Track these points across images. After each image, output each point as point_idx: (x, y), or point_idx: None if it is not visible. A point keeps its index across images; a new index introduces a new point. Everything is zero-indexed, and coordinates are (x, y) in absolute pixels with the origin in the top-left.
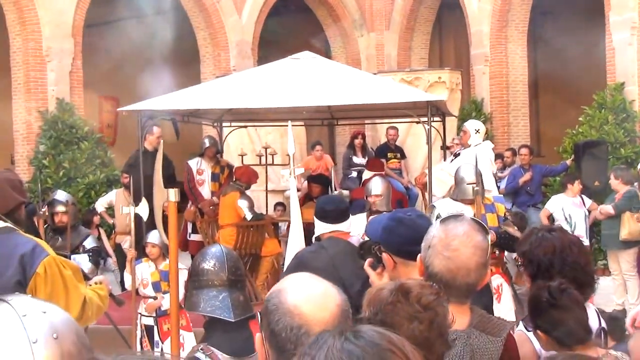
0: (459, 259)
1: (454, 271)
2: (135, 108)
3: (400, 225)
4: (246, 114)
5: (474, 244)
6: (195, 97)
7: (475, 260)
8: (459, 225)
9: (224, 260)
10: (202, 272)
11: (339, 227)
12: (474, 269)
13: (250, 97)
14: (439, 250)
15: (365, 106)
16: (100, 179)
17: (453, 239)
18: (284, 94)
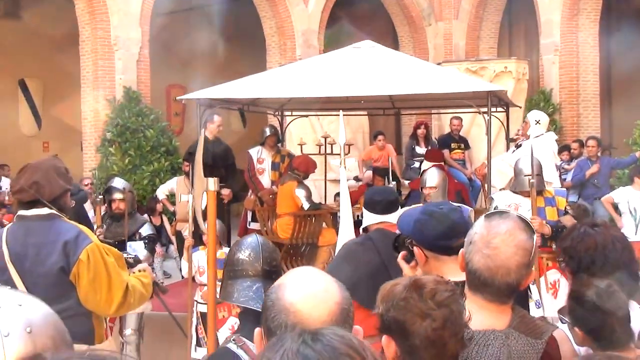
0: (498, 258)
1: (493, 270)
2: (194, 97)
3: (432, 219)
4: (307, 103)
5: (517, 243)
6: (255, 85)
7: (517, 260)
8: (502, 223)
9: (259, 250)
10: (237, 262)
11: (387, 218)
12: (514, 269)
13: (309, 86)
14: (480, 247)
15: (426, 96)
16: (164, 166)
17: (494, 237)
18: (344, 82)
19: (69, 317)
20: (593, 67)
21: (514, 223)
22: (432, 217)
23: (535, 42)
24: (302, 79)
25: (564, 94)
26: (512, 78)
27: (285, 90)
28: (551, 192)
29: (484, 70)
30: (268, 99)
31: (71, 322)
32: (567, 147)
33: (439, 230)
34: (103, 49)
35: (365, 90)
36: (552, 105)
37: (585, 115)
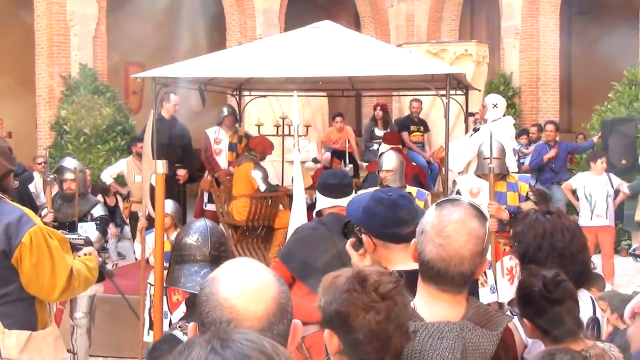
0: (451, 247)
1: (446, 260)
2: (150, 75)
3: (380, 206)
4: (266, 83)
5: (469, 231)
6: (213, 64)
7: (469, 248)
8: (454, 211)
9: (207, 235)
10: (184, 246)
11: (340, 202)
12: (468, 258)
13: (268, 66)
14: (432, 236)
15: (385, 78)
16: (121, 145)
17: (446, 225)
18: (303, 63)
19: (10, 302)
20: (553, 51)
21: (465, 210)
22: (380, 204)
23: (497, 26)
24: (260, 59)
25: (524, 77)
26: (473, 61)
27: (243, 69)
28: (514, 177)
29: (444, 53)
30: (226, 78)
31: (13, 307)
32: (525, 131)
33: (388, 218)
34: (58, 25)
35: (324, 71)
36: (512, 89)
37: (544, 99)
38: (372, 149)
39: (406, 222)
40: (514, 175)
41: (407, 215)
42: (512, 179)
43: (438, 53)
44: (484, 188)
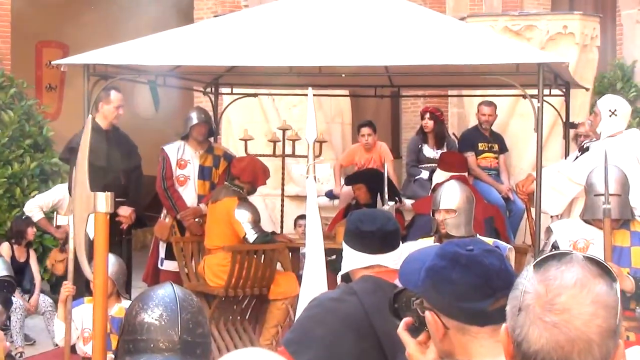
0: (572, 326)
1: (565, 347)
2: (80, 61)
3: (455, 266)
4: (256, 76)
5: (594, 298)
6: (176, 47)
7: (599, 325)
8: (566, 271)
9: (176, 309)
10: (140, 327)
11: (382, 259)
12: (597, 341)
13: (260, 50)
14: (538, 314)
15: (440, 69)
16: (31, 169)
17: (559, 294)
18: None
19: None
20: None
21: (583, 269)
22: (455, 264)
23: None
24: (248, 39)
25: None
26: (575, 44)
27: (222, 55)
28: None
29: (531, 31)
30: (195, 68)
31: None
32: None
33: (467, 286)
34: None
35: (347, 59)
36: (635, 86)
37: None
38: (419, 178)
39: (495, 292)
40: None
41: (497, 280)
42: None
43: (521, 32)
44: (595, 240)
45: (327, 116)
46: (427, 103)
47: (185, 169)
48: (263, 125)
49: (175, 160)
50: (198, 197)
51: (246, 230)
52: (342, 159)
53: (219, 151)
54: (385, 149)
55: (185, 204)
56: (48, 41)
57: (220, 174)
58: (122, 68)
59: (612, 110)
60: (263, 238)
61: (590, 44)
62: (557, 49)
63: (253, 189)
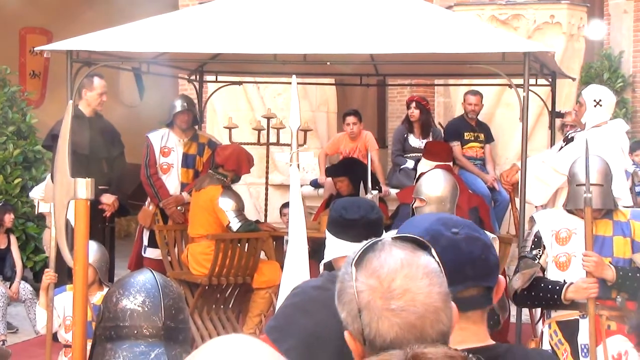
0: (417, 302)
1: (417, 325)
2: (64, 48)
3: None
4: (241, 63)
5: (424, 269)
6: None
7: (438, 292)
8: (387, 256)
9: (158, 295)
10: (121, 314)
11: None
12: (441, 306)
13: (245, 38)
14: (381, 305)
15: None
16: (14, 156)
17: (393, 280)
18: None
19: None
20: None
21: (400, 248)
22: (435, 244)
23: None
24: (233, 26)
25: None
26: (562, 33)
27: (207, 42)
28: (626, 214)
29: (518, 20)
30: (180, 55)
31: None
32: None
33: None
34: None
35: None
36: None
37: None
38: (405, 168)
39: (466, 280)
40: (625, 211)
41: (470, 269)
42: (623, 217)
43: (508, 20)
44: (577, 230)
45: (313, 105)
46: (413, 92)
47: (169, 156)
48: (248, 114)
49: (159, 148)
50: (181, 185)
51: (230, 219)
52: (327, 147)
53: (204, 139)
54: (371, 138)
55: (167, 192)
56: (32, 27)
57: (204, 162)
58: (106, 55)
59: (597, 101)
60: (247, 226)
61: (577, 34)
62: (544, 38)
63: (237, 177)
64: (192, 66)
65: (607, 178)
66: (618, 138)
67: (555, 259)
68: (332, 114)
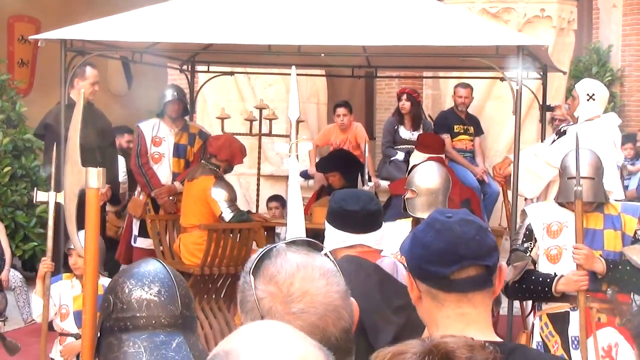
0: (317, 303)
1: (320, 325)
2: (56, 37)
3: (430, 231)
4: (233, 54)
5: (320, 270)
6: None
7: (336, 290)
8: (283, 261)
9: (173, 285)
10: (138, 304)
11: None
12: (341, 304)
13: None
14: (282, 310)
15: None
16: (4, 144)
17: (291, 284)
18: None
19: None
20: None
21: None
22: (430, 228)
23: None
24: (226, 17)
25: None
26: (552, 27)
27: (200, 32)
28: (616, 207)
29: (509, 14)
30: (172, 45)
31: None
32: (631, 137)
33: (435, 249)
34: None
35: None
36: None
37: None
38: (395, 159)
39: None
40: (615, 204)
41: (464, 248)
42: (614, 211)
43: (499, 14)
44: (568, 223)
45: (303, 96)
46: (402, 84)
47: (160, 146)
48: (238, 104)
49: (150, 137)
50: (173, 174)
51: (222, 209)
52: (317, 139)
53: (194, 129)
54: (361, 130)
55: (159, 181)
56: (20, 16)
57: (195, 152)
58: (99, 44)
59: (590, 95)
60: (239, 217)
61: (567, 28)
62: (534, 32)
63: (230, 168)
64: (184, 56)
65: (599, 171)
66: (610, 132)
67: (546, 251)
68: (323, 106)
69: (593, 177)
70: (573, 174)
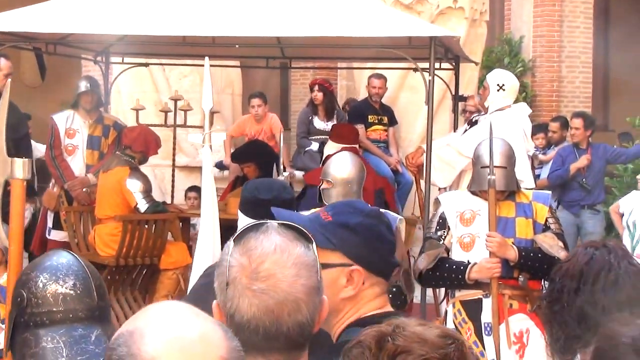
0: (279, 289)
1: (275, 311)
2: None
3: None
4: (147, 45)
5: (295, 259)
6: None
7: (303, 284)
8: (265, 239)
9: (87, 277)
10: (54, 299)
11: None
12: (304, 298)
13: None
14: (245, 284)
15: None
16: None
17: (262, 262)
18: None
19: None
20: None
21: (280, 235)
22: (381, 222)
23: None
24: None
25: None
26: (465, 18)
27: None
28: (528, 195)
29: (422, 5)
30: (86, 37)
31: None
32: (542, 127)
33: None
34: None
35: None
36: (522, 62)
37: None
38: (310, 150)
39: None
40: (527, 192)
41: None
42: (525, 199)
43: (412, 5)
44: (481, 212)
45: (218, 87)
46: (316, 75)
47: (74, 138)
48: (153, 95)
49: (64, 129)
50: (86, 166)
51: (137, 200)
52: (232, 130)
53: (109, 121)
54: (276, 120)
55: (72, 173)
56: None
57: (109, 143)
58: (12, 35)
59: (500, 85)
60: (154, 208)
61: (479, 19)
62: (447, 23)
63: (144, 159)
64: (98, 47)
65: (511, 160)
66: (521, 121)
67: (459, 239)
68: (237, 97)
69: (505, 166)
70: (486, 163)
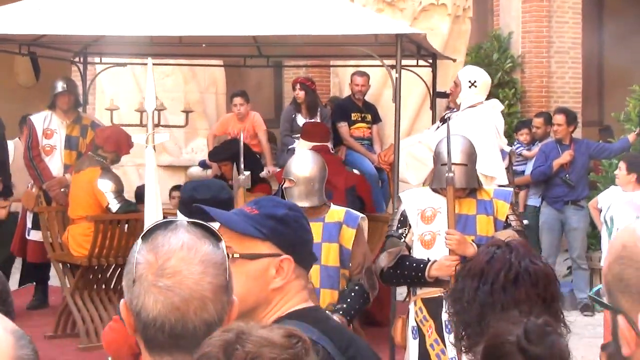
0: (184, 286)
1: (181, 308)
2: None
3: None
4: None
5: (202, 257)
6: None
7: (209, 282)
8: (172, 236)
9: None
10: None
11: None
12: (210, 297)
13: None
14: (151, 281)
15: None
16: None
17: (168, 259)
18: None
19: None
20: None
21: (188, 232)
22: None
23: None
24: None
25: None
26: (448, 15)
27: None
28: (489, 192)
29: (404, 2)
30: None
31: None
32: (526, 123)
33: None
34: None
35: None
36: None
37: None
38: (293, 148)
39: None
40: (488, 190)
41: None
42: (486, 196)
43: (394, 2)
44: (442, 209)
45: (201, 86)
46: (308, 73)
47: (52, 138)
48: (137, 95)
49: (42, 129)
50: (64, 166)
51: (109, 200)
52: (215, 128)
53: (87, 121)
54: (259, 119)
55: (51, 173)
56: None
57: (87, 143)
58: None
59: (472, 81)
60: (126, 207)
61: (462, 15)
62: (429, 20)
63: (117, 159)
64: (76, 47)
65: (471, 158)
66: (493, 118)
67: (420, 237)
68: (221, 95)
69: (466, 164)
70: (445, 161)
